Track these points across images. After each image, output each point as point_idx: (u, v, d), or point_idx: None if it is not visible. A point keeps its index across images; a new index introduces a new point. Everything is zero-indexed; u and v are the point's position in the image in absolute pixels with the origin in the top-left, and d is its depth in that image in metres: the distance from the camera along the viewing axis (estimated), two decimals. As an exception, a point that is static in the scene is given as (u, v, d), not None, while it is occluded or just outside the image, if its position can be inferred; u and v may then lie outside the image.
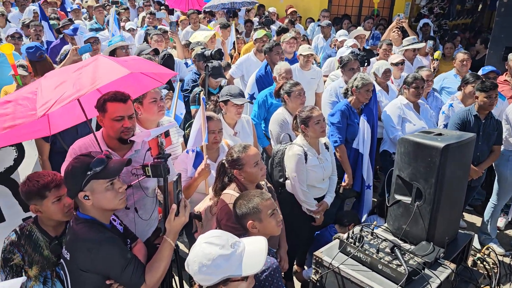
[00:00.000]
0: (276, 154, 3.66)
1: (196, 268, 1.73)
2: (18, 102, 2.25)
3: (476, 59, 7.20)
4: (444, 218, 2.94)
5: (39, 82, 2.28)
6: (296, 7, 10.92)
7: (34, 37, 6.69)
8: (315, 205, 3.56)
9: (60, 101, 2.06)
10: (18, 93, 2.36)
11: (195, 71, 5.36)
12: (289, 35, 6.11)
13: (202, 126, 3.04)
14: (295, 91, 4.01)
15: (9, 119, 2.21)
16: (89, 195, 2.04)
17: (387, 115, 4.53)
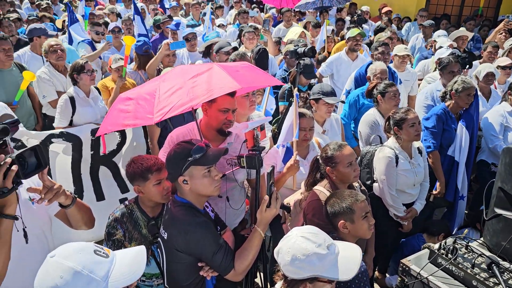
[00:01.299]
0: (364, 155, 3.58)
1: (288, 259, 1.75)
2: (138, 102, 2.45)
3: None
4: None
5: (158, 85, 2.45)
6: (391, 6, 10.53)
7: (126, 31, 7.21)
8: (403, 210, 3.42)
9: (174, 109, 2.23)
10: (139, 92, 2.56)
11: (284, 68, 5.42)
12: (385, 35, 5.91)
13: (293, 122, 3.08)
14: (390, 91, 3.88)
15: (130, 117, 2.43)
16: (188, 180, 2.17)
17: (488, 122, 4.21)
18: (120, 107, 2.53)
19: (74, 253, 1.33)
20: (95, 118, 4.23)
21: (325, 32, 7.37)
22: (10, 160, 1.59)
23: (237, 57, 4.33)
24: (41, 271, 1.33)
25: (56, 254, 1.33)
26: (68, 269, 1.29)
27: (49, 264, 1.32)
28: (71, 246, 1.38)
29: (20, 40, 6.79)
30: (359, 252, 1.85)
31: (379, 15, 10.29)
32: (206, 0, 12.53)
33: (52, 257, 1.33)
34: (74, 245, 1.39)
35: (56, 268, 1.30)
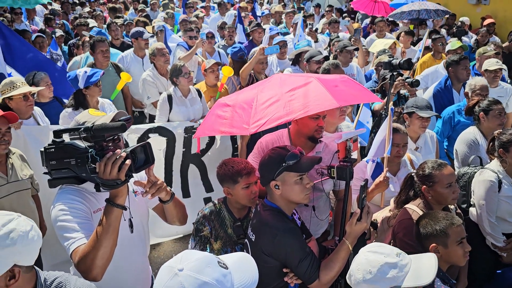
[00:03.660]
0: (462, 177, 3.35)
1: (360, 277, 1.72)
2: (235, 110, 2.53)
3: None
4: None
5: (256, 94, 2.51)
6: (495, 17, 9.78)
7: (227, 37, 7.50)
8: (503, 240, 3.14)
9: (270, 122, 2.27)
10: (237, 99, 2.63)
11: (375, 79, 5.27)
12: (491, 49, 5.50)
13: (386, 137, 2.98)
14: (495, 109, 3.60)
15: (226, 124, 2.52)
16: (280, 185, 2.20)
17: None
18: (218, 113, 2.63)
19: (205, 268, 1.32)
20: (187, 117, 4.45)
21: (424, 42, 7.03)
22: (125, 154, 1.73)
23: (332, 66, 4.30)
24: (172, 284, 1.30)
25: (184, 268, 1.31)
26: (202, 284, 1.29)
27: (181, 278, 1.30)
28: (196, 258, 1.36)
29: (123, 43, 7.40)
30: (434, 258, 1.79)
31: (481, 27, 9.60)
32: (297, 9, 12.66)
33: (181, 271, 1.30)
34: (198, 257, 1.36)
35: (191, 283, 1.29)
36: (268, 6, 14.67)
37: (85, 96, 4.10)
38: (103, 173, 1.71)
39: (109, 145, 1.84)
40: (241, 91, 2.85)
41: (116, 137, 1.90)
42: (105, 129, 1.74)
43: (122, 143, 1.96)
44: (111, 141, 1.87)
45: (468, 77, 4.80)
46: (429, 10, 8.71)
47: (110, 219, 1.77)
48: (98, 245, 1.73)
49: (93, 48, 5.26)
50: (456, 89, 4.84)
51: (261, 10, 13.16)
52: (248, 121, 2.41)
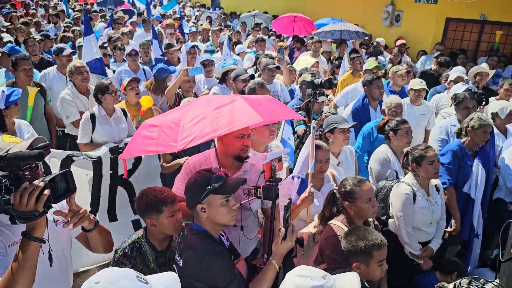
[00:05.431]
0: (380, 190, 3.56)
1: None
2: (162, 129, 2.49)
3: None
4: None
5: (183, 114, 2.50)
6: (406, 39, 10.63)
7: (143, 54, 7.35)
8: (419, 249, 3.37)
9: (198, 138, 2.27)
10: (164, 120, 2.61)
11: (299, 97, 5.46)
12: (402, 68, 5.95)
13: (309, 154, 3.09)
14: (402, 129, 3.88)
15: (153, 143, 2.47)
16: (206, 208, 2.18)
17: (506, 161, 4.16)
18: (144, 133, 2.58)
19: (120, 279, 1.35)
20: (112, 137, 4.29)
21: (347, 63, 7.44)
22: (42, 184, 1.62)
23: (257, 85, 4.38)
24: None
25: (101, 281, 1.35)
26: None
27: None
28: (114, 272, 1.40)
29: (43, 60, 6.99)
30: (356, 276, 1.87)
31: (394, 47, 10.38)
32: (224, 27, 12.81)
33: (97, 283, 1.33)
34: (116, 271, 1.40)
35: None
36: (195, 23, 14.70)
37: (3, 117, 3.80)
38: (18, 205, 1.60)
39: (25, 174, 1.72)
40: (168, 112, 2.82)
41: (33, 165, 1.78)
42: (20, 158, 1.62)
43: (41, 171, 1.83)
44: (28, 169, 1.75)
45: (381, 95, 5.13)
46: (350, 31, 9.31)
47: (26, 253, 1.65)
48: (14, 282, 1.61)
49: (14, 66, 4.90)
50: (373, 107, 5.15)
51: (188, 27, 13.15)
52: (175, 139, 2.39)
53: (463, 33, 10.77)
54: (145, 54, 7.35)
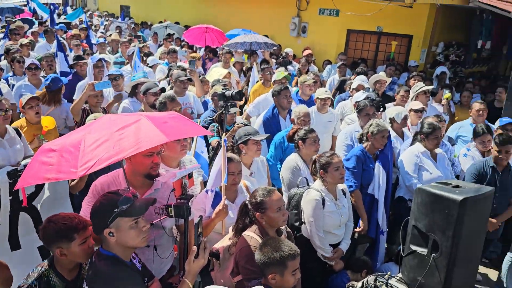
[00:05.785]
0: (292, 197, 3.69)
1: None
2: (62, 155, 2.32)
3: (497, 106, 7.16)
4: (461, 272, 2.91)
5: (84, 136, 2.36)
6: (312, 49, 11.19)
7: (47, 67, 6.90)
8: (330, 251, 3.55)
9: (100, 162, 2.15)
10: (63, 143, 2.43)
11: (212, 109, 5.49)
12: (310, 78, 6.24)
13: (222, 167, 3.11)
14: (310, 137, 4.07)
15: (53, 170, 2.27)
16: (114, 232, 2.10)
17: (404, 162, 4.54)
18: (42, 159, 2.38)
19: None
20: (8, 160, 3.94)
21: (256, 73, 7.61)
22: None
23: (168, 99, 4.32)
24: None
25: None
26: None
27: None
28: None
29: None
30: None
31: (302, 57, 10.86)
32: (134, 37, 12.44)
33: None
34: None
35: None
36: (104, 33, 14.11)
37: None
38: None
39: None
40: (68, 135, 2.65)
41: None
42: None
43: None
44: None
45: (289, 105, 5.34)
46: (259, 42, 9.58)
47: None
48: None
49: None
50: (283, 116, 5.35)
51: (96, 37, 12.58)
52: (76, 164, 2.24)
53: (363, 44, 11.62)
54: (49, 67, 6.88)
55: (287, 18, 12.45)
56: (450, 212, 2.79)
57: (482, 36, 10.59)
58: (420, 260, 2.98)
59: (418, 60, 10.75)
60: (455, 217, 2.76)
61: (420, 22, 10.69)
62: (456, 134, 5.81)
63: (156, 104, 4.52)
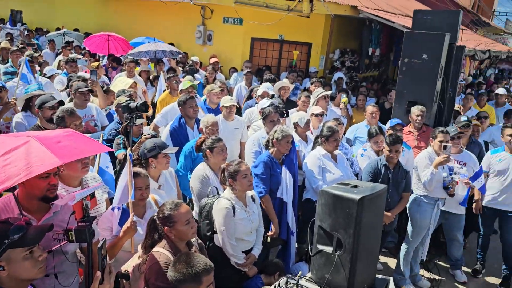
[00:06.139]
0: (203, 207, 3.68)
1: None
2: None
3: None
4: (363, 266, 3.14)
5: None
6: (219, 57, 11.30)
7: None
8: (243, 258, 3.60)
9: None
10: None
11: (117, 121, 5.28)
12: (216, 86, 6.28)
13: (128, 183, 3.00)
14: (217, 147, 4.10)
15: None
16: (5, 266, 1.90)
17: (309, 166, 4.77)
18: None
19: None
20: None
21: (163, 81, 7.45)
22: None
23: (66, 113, 4.07)
24: None
25: None
26: None
27: None
28: None
29: None
30: None
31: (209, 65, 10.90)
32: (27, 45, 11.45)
33: None
34: None
35: None
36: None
37: None
38: None
39: None
40: None
41: None
42: None
43: None
44: None
45: (195, 114, 5.33)
46: (164, 51, 9.43)
47: None
48: None
49: None
50: (190, 126, 5.31)
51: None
52: None
53: (266, 51, 12.02)
54: None
55: (193, 26, 12.43)
56: (350, 211, 3.00)
57: (372, 44, 11.58)
58: (326, 258, 3.16)
59: (318, 67, 11.40)
60: (354, 215, 2.98)
61: (317, 31, 11.36)
62: (354, 136, 6.26)
63: (54, 118, 4.23)
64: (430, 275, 5.30)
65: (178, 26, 12.55)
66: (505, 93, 9.49)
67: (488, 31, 25.92)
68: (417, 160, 4.95)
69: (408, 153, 5.32)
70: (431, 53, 5.79)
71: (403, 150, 4.92)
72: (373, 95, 9.99)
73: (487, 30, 25.79)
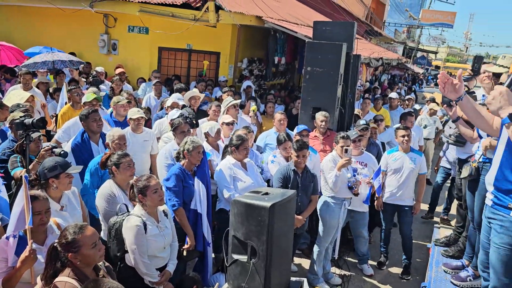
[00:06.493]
0: (112, 226, 3.50)
1: None
2: None
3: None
4: (278, 271, 3.23)
5: None
6: (125, 67, 10.91)
7: None
8: (157, 275, 3.49)
9: None
10: None
11: (12, 138, 4.84)
12: (123, 98, 6.05)
13: (25, 208, 2.76)
14: (124, 162, 3.93)
15: None
16: None
17: (220, 176, 4.77)
18: None
19: None
20: None
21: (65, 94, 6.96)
22: None
23: None
24: None
25: None
26: None
27: None
28: None
29: None
30: None
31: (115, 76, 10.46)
32: None
33: None
34: None
35: None
36: None
37: None
38: None
39: None
40: None
41: None
42: None
43: None
44: None
45: (99, 128, 5.07)
46: (63, 60, 8.85)
47: None
48: None
49: None
50: (94, 141, 5.05)
51: None
52: None
53: (175, 61, 11.85)
54: None
55: (95, 35, 11.83)
56: (262, 219, 3.07)
57: (277, 53, 12.02)
58: (242, 267, 3.20)
59: (227, 75, 11.53)
60: (266, 222, 3.06)
61: (225, 41, 11.49)
62: (264, 143, 6.42)
63: None
64: (341, 271, 5.62)
65: (79, 35, 11.87)
66: (397, 97, 10.45)
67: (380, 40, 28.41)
68: (323, 163, 5.22)
69: (314, 157, 5.59)
70: (331, 62, 6.16)
71: (310, 154, 5.17)
72: (281, 102, 10.36)
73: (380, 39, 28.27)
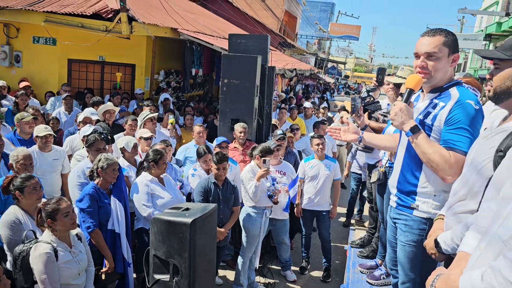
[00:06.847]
0: (18, 256, 3.21)
1: None
2: None
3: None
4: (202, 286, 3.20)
5: None
6: (31, 80, 10.17)
7: None
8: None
9: None
10: None
11: None
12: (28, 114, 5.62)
13: None
14: (29, 185, 3.63)
15: None
16: None
17: (137, 194, 4.60)
18: None
19: None
20: None
21: None
22: None
23: None
24: None
25: None
26: None
27: None
28: None
29: None
30: None
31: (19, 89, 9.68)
32: None
33: None
34: None
35: None
36: None
37: None
38: None
39: None
40: None
41: None
42: None
43: None
44: None
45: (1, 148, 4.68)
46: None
47: None
48: None
49: None
50: None
51: None
52: None
53: (87, 73, 11.26)
54: None
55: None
56: (183, 235, 3.03)
57: (194, 65, 11.98)
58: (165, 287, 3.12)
59: (144, 88, 11.22)
60: (188, 238, 3.02)
61: (140, 52, 11.19)
62: (184, 156, 6.34)
63: None
64: (265, 280, 5.71)
65: (-26, 46, 10.85)
66: (311, 106, 10.94)
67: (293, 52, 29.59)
68: (242, 174, 5.29)
69: (235, 168, 5.64)
70: (247, 74, 6.29)
71: (230, 166, 5.21)
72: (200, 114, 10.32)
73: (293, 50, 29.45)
